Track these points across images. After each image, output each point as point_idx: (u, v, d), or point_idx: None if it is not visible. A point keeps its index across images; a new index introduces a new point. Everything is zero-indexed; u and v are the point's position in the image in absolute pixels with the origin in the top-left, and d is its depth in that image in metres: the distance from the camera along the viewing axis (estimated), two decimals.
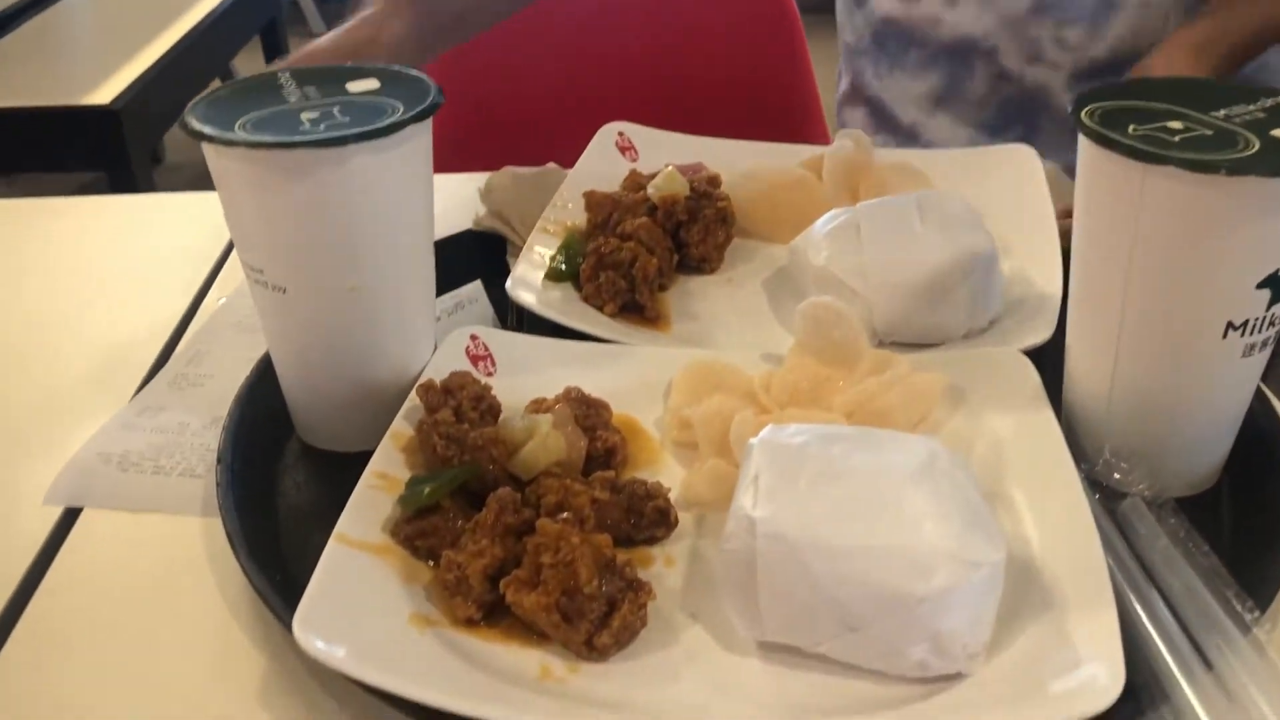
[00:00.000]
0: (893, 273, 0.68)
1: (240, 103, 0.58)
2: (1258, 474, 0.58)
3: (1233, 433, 0.58)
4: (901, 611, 0.46)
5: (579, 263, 0.75)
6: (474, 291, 0.75)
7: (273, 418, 0.65)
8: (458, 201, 0.86)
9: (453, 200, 0.85)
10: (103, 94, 2.11)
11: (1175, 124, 0.52)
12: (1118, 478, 0.56)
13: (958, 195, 0.74)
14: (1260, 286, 0.51)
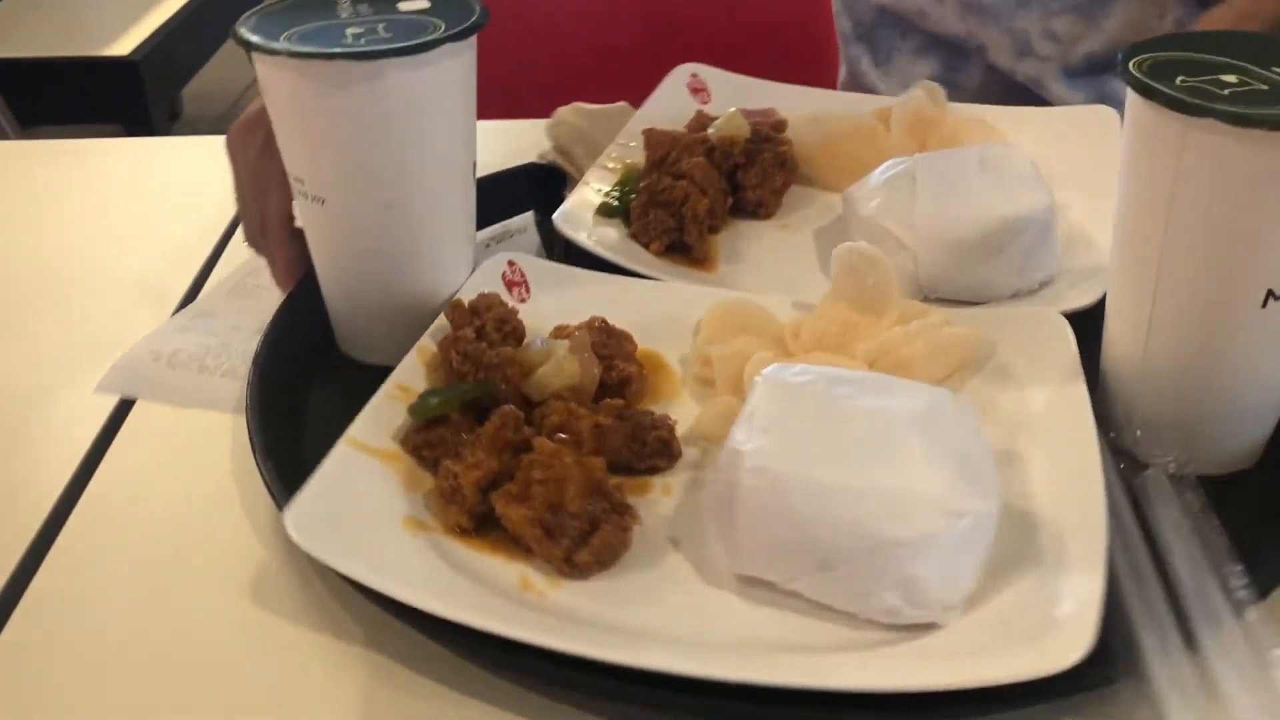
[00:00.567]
0: (941, 226, 0.66)
1: (291, 16, 0.59)
2: None
3: (1275, 413, 0.55)
4: (876, 554, 0.45)
5: (631, 199, 0.75)
6: (524, 222, 0.75)
7: (313, 328, 0.66)
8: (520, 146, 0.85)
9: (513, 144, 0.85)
10: (122, 46, 2.10)
11: (1229, 77, 0.49)
12: (1145, 448, 0.54)
13: (1022, 152, 0.71)
14: None
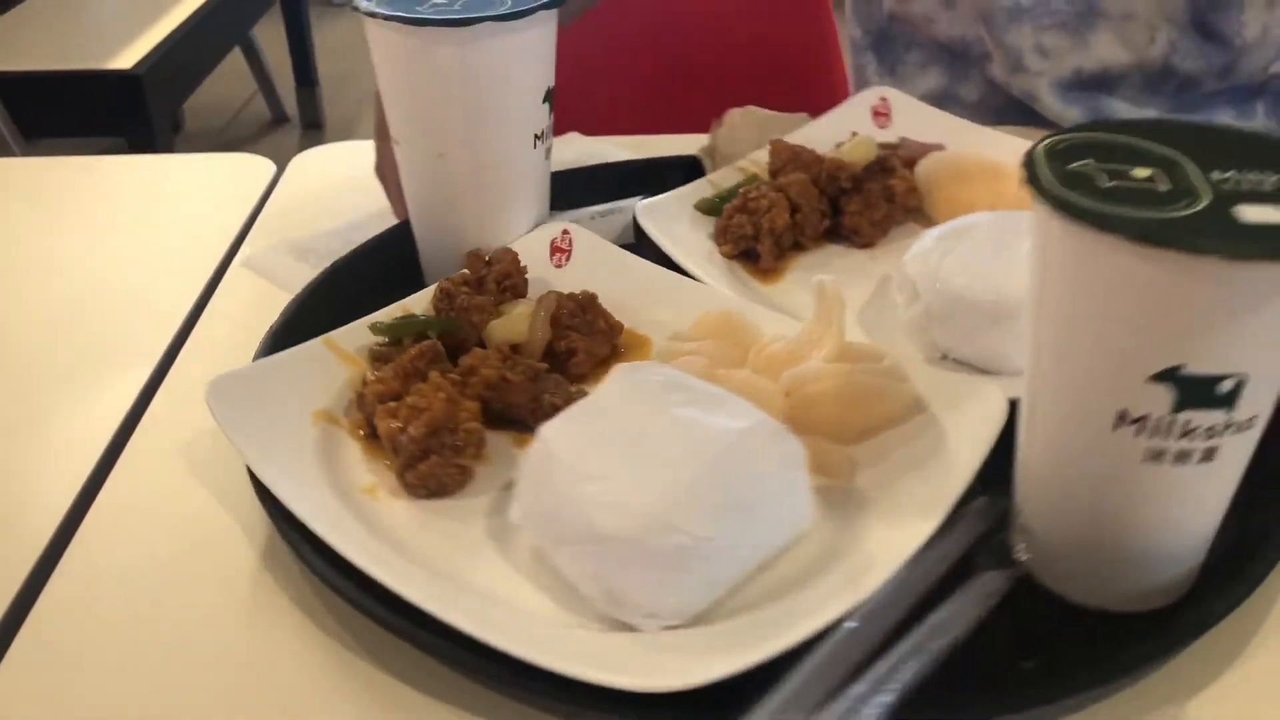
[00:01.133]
0: (958, 284, 0.63)
1: None
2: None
3: (1145, 564, 0.48)
4: (587, 542, 0.48)
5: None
6: (629, 204, 0.78)
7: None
8: None
9: None
10: (125, 59, 2.10)
11: (1143, 171, 0.44)
12: (1020, 553, 0.51)
13: None
14: (1155, 380, 0.42)
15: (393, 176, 0.76)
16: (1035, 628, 0.49)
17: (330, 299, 0.70)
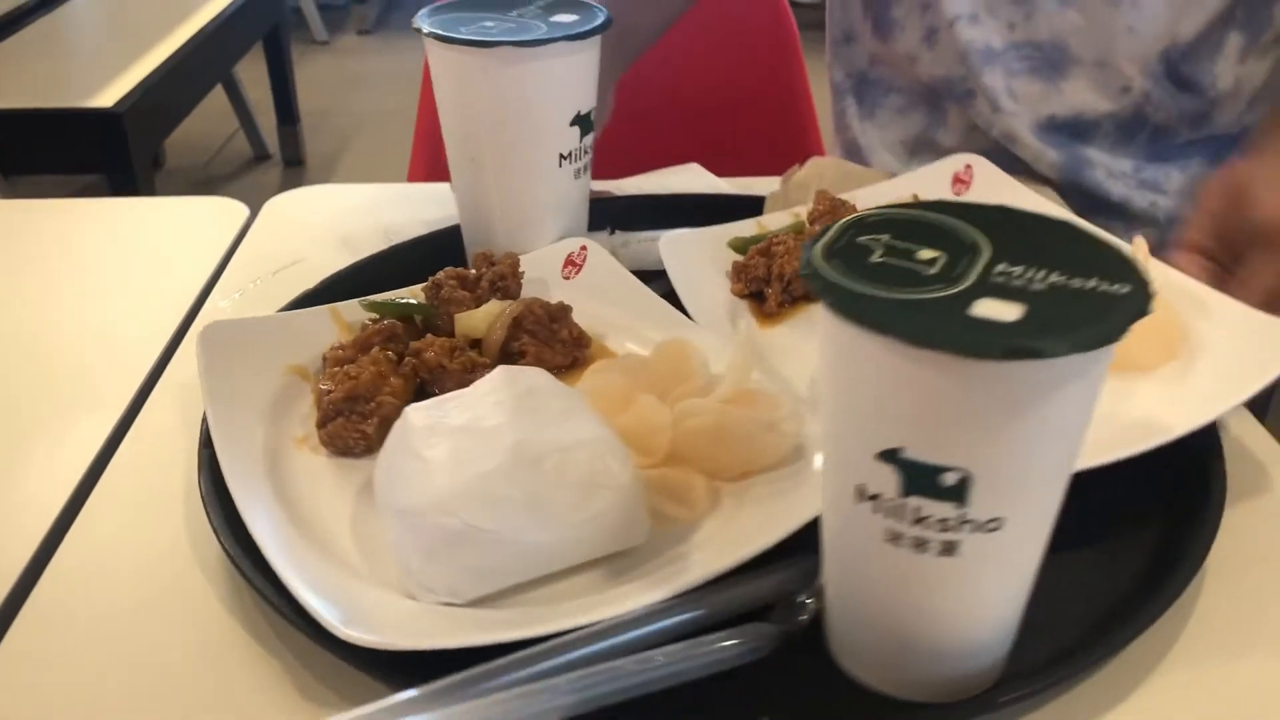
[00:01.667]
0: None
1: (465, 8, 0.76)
2: None
3: (915, 650, 0.47)
4: (391, 513, 0.54)
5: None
6: (608, 236, 0.82)
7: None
8: None
9: None
10: (106, 97, 2.11)
11: (931, 253, 0.42)
12: (802, 610, 0.51)
13: None
14: (881, 458, 0.42)
15: None
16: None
17: (377, 280, 0.75)
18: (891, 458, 0.41)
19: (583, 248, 0.75)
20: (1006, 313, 0.39)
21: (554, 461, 0.53)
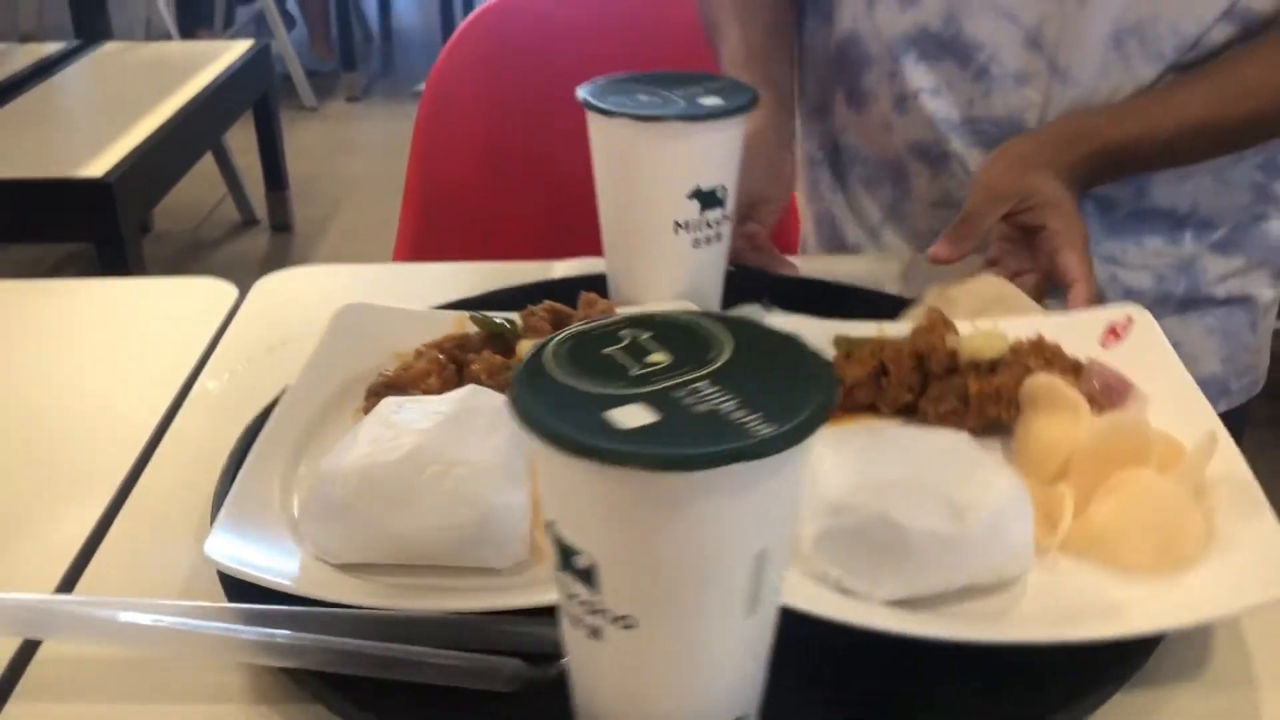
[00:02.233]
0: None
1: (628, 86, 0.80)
2: None
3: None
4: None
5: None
6: (763, 311, 0.83)
7: None
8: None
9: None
10: (96, 167, 2.13)
11: (660, 356, 0.43)
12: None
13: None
14: (548, 525, 0.44)
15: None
16: None
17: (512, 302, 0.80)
18: (550, 526, 0.43)
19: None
20: (638, 419, 0.39)
21: (435, 470, 0.59)
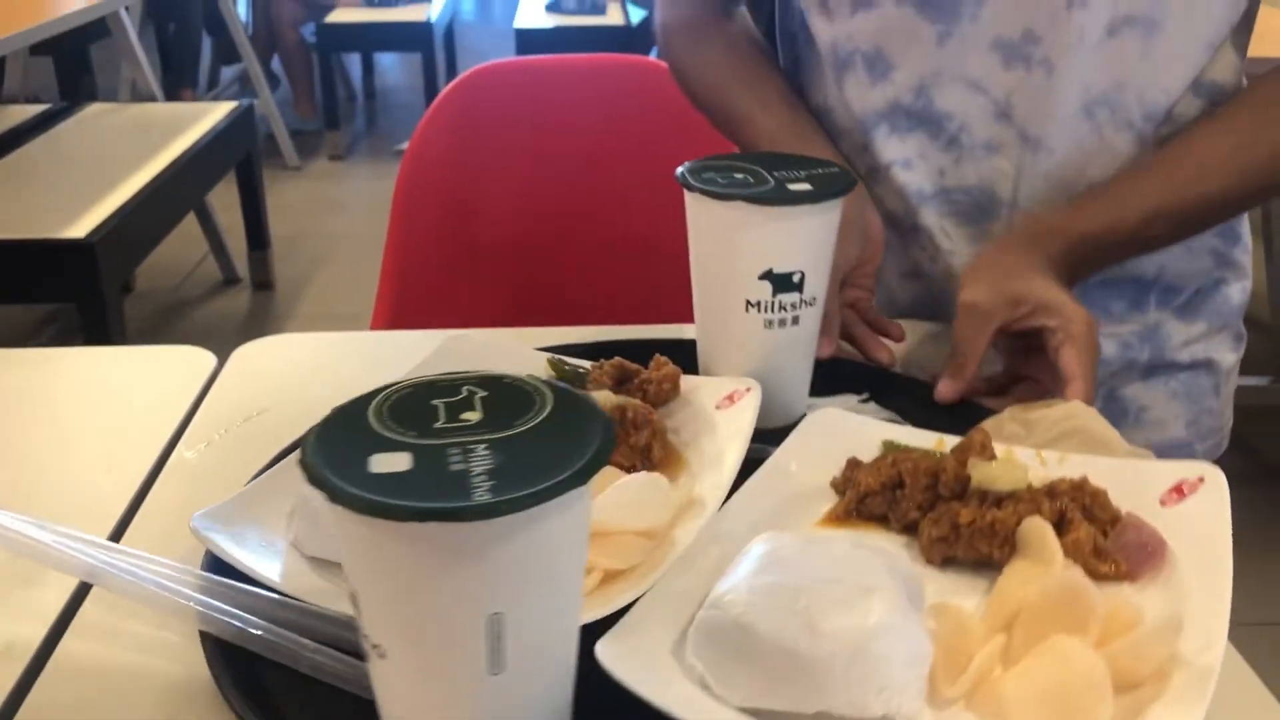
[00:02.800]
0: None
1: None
2: None
3: None
4: None
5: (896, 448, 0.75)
6: (854, 401, 0.86)
7: None
8: None
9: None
10: (78, 228, 2.14)
11: (471, 416, 0.47)
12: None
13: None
14: None
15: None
16: None
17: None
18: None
19: (748, 389, 0.79)
20: (392, 466, 0.43)
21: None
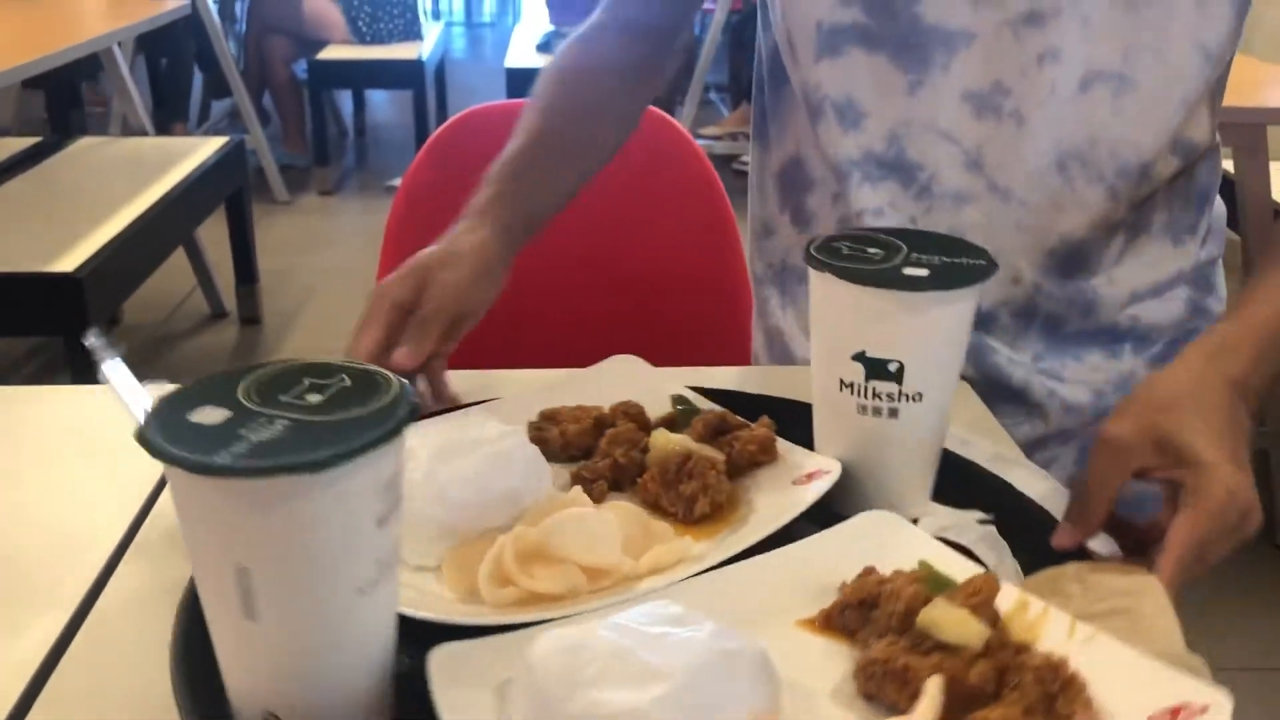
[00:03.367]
0: None
1: None
2: None
3: None
4: None
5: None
6: (974, 519, 0.79)
7: None
8: None
9: None
10: (67, 262, 2.14)
11: (314, 399, 0.55)
12: None
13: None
14: None
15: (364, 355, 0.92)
16: None
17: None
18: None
19: (829, 471, 0.77)
20: (209, 419, 0.53)
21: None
